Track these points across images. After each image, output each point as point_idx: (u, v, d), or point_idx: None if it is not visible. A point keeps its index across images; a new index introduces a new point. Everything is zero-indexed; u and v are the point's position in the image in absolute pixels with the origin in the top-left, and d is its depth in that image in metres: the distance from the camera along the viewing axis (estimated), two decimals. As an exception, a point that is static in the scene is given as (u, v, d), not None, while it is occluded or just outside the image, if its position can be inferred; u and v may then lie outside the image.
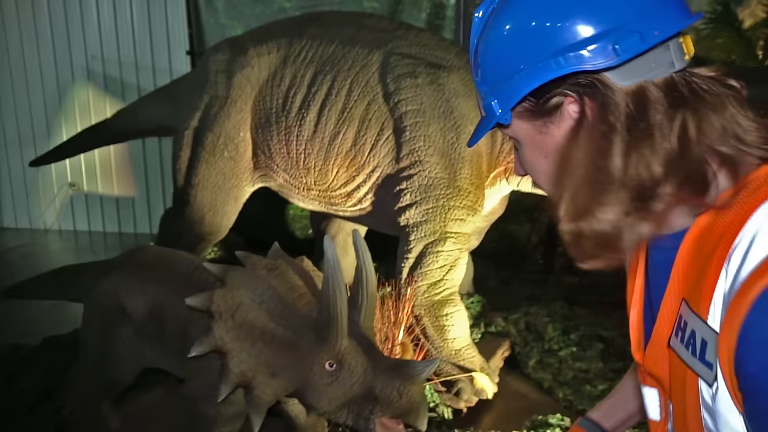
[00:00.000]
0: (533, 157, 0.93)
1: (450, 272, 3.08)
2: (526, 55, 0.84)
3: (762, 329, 0.69)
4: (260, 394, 1.87)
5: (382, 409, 1.85)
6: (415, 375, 1.84)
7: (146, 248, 2.61)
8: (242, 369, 1.88)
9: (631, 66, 0.81)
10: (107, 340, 2.40)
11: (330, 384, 1.86)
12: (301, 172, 3.46)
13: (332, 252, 1.82)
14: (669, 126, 0.80)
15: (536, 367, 3.53)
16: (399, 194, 3.15)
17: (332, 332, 1.84)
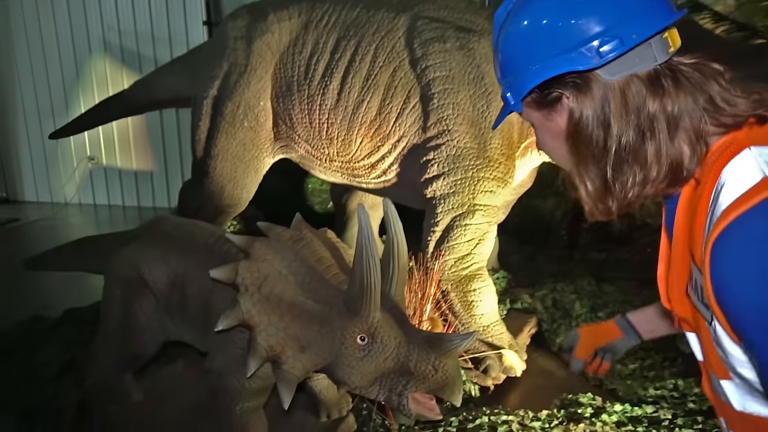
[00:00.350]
0: (545, 138, 1.11)
1: (478, 246, 2.96)
2: (532, 54, 1.01)
3: (721, 273, 0.84)
4: (290, 368, 1.80)
5: (416, 383, 1.77)
6: (451, 348, 1.75)
7: (166, 218, 2.53)
8: (270, 343, 1.80)
9: (617, 63, 0.96)
10: (128, 312, 2.35)
11: (362, 358, 1.78)
12: (323, 143, 3.35)
13: (366, 221, 1.71)
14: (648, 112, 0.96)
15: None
16: (426, 165, 3.02)
17: (364, 305, 1.75)
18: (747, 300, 0.81)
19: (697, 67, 0.98)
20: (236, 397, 2.06)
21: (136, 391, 2.69)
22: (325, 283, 1.88)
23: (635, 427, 2.61)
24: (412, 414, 1.81)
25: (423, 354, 1.74)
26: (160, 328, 2.38)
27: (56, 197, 7.92)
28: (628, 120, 0.97)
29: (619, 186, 0.99)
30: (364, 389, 1.81)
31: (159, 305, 2.34)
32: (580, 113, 0.99)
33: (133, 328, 2.35)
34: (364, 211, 1.71)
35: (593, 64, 0.96)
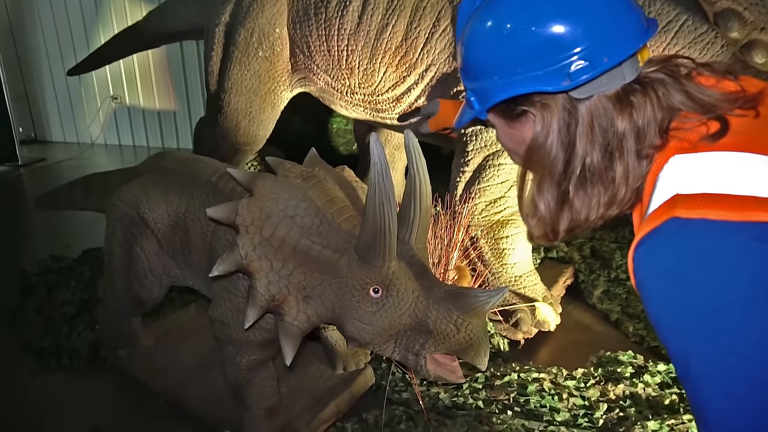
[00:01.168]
0: (506, 142, 1.12)
1: (513, 189, 2.67)
2: (498, 63, 0.98)
3: (639, 287, 0.91)
4: (292, 321, 1.60)
5: (435, 344, 1.56)
6: (477, 306, 1.52)
7: (170, 154, 2.32)
8: (272, 291, 1.60)
9: (586, 85, 0.95)
10: (130, 254, 2.18)
11: (374, 313, 1.57)
12: (343, 73, 3.04)
13: (381, 153, 1.46)
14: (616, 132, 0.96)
15: (602, 297, 3.17)
16: (457, 97, 2.70)
17: (378, 252, 1.53)
18: (656, 321, 0.89)
19: (666, 71, 0.98)
20: (241, 349, 1.89)
21: (146, 336, 2.58)
22: (335, 227, 1.65)
23: (680, 387, 2.38)
24: (431, 376, 1.61)
25: (444, 311, 1.53)
26: (165, 272, 2.21)
27: (82, 137, 7.88)
28: (594, 141, 0.96)
29: (579, 207, 0.99)
30: (377, 347, 1.61)
31: (161, 248, 2.17)
32: (546, 134, 0.98)
33: (136, 271, 2.20)
34: (377, 141, 1.45)
35: (562, 87, 0.94)
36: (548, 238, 1.05)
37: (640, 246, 0.88)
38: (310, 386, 2.27)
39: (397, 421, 2.21)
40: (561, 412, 2.22)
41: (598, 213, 0.99)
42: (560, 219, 1.01)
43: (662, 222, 0.86)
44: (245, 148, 3.56)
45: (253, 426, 1.98)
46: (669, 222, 0.85)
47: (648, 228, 0.88)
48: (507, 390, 2.34)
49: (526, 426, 2.16)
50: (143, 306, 2.29)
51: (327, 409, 2.16)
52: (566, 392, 2.33)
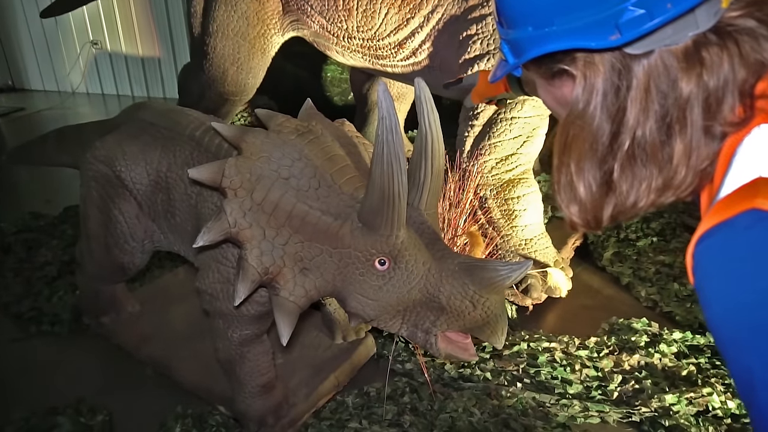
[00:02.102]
0: (548, 101, 0.92)
1: (525, 145, 2.46)
2: (531, 14, 0.79)
3: (700, 288, 0.73)
4: (288, 295, 1.43)
5: (448, 321, 1.41)
6: (497, 281, 1.35)
7: (148, 105, 2.08)
8: (265, 263, 1.41)
9: (644, 39, 0.74)
10: (107, 217, 1.98)
11: (381, 287, 1.40)
12: (340, 15, 2.76)
13: (390, 106, 1.24)
14: (679, 97, 0.76)
15: (612, 259, 3.03)
16: (466, 42, 2.44)
17: (385, 220, 1.34)
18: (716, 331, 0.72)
19: (759, 15, 0.74)
20: (233, 324, 1.72)
21: (130, 302, 2.42)
22: (336, 190, 1.45)
23: (697, 358, 2.26)
24: (442, 354, 1.46)
25: (459, 286, 1.36)
26: (147, 237, 2.02)
27: (62, 86, 7.50)
28: (649, 109, 0.77)
29: (626, 191, 0.81)
30: (382, 323, 1.45)
31: (142, 210, 1.96)
32: (588, 100, 0.79)
33: (115, 236, 2.00)
34: (385, 90, 1.23)
35: (609, 43, 0.74)
36: (590, 225, 0.87)
37: (704, 240, 0.71)
38: (308, 357, 2.13)
39: (400, 393, 2.09)
40: (573, 384, 2.10)
41: (649, 199, 0.80)
42: (604, 205, 0.83)
43: (737, 213, 0.68)
44: (233, 98, 3.30)
45: (248, 404, 1.85)
46: (745, 214, 0.67)
47: (716, 218, 0.70)
48: (516, 360, 2.22)
49: (537, 399, 2.04)
50: (125, 272, 2.11)
51: (326, 381, 2.03)
52: (579, 363, 2.20)
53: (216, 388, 2.01)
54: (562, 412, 1.99)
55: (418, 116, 1.36)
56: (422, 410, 1.99)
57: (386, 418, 1.94)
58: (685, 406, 1.99)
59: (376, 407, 2.00)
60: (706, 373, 2.15)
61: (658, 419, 1.96)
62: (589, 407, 2.01)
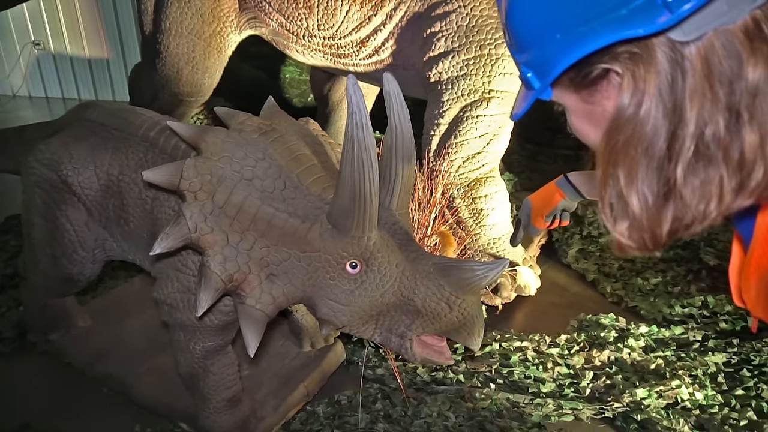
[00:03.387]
0: (582, 126, 0.80)
1: (492, 143, 2.44)
2: (557, 20, 0.70)
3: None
4: (255, 303, 1.35)
5: (424, 324, 1.36)
6: (473, 281, 1.31)
7: (96, 104, 1.95)
8: (229, 270, 1.33)
9: (693, 18, 0.63)
10: (54, 225, 1.84)
11: (353, 291, 1.34)
12: (300, 13, 2.68)
13: (360, 101, 1.18)
14: (747, 84, 0.64)
15: (577, 256, 3.05)
16: (430, 40, 2.41)
17: (356, 221, 1.28)
18: None
19: None
20: (195, 335, 1.62)
21: (81, 317, 2.27)
22: (303, 191, 1.38)
23: (663, 351, 2.29)
24: (417, 359, 1.41)
25: (434, 287, 1.32)
26: (98, 245, 1.88)
27: (2, 88, 7.09)
28: (713, 101, 0.66)
29: (690, 200, 0.69)
30: (355, 329, 1.39)
31: (92, 217, 1.83)
32: (639, 101, 0.68)
33: (63, 245, 1.86)
34: (355, 84, 1.17)
35: (660, 25, 0.63)
36: (644, 245, 0.75)
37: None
38: (276, 367, 2.04)
39: (372, 400, 2.02)
40: (546, 383, 2.09)
41: (722, 205, 0.69)
42: (662, 219, 0.72)
43: None
44: (189, 99, 3.16)
45: (213, 420, 1.74)
46: None
47: None
48: (489, 361, 2.19)
49: (511, 399, 2.02)
50: (75, 285, 1.97)
51: (295, 391, 1.94)
52: (550, 361, 2.19)
53: (177, 404, 1.89)
54: (536, 412, 1.97)
55: (387, 113, 1.31)
56: (396, 417, 1.93)
57: (359, 426, 1.87)
58: (655, 399, 2.00)
59: (348, 416, 1.93)
60: (673, 365, 2.18)
61: (630, 414, 1.96)
62: (563, 405, 2.00)
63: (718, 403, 2.00)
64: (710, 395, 2.02)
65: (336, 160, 1.54)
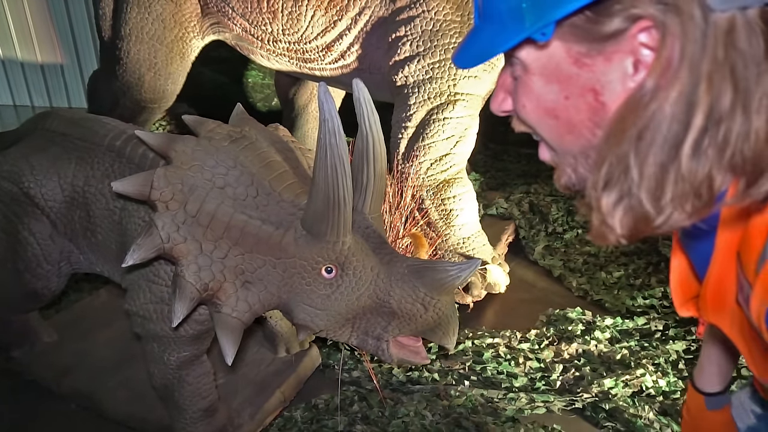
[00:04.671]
0: (544, 93, 0.71)
1: (459, 145, 2.49)
2: None
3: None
4: (231, 312, 1.34)
5: (400, 326, 1.38)
6: (447, 281, 1.34)
7: (56, 113, 1.90)
8: (204, 279, 1.32)
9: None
10: (15, 239, 1.78)
11: (329, 296, 1.35)
12: (264, 18, 2.67)
13: (331, 108, 1.20)
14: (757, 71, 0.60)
15: (543, 253, 3.13)
16: (396, 44, 2.43)
17: (331, 226, 1.29)
18: None
19: None
20: (169, 346, 1.60)
21: (46, 332, 2.20)
22: (276, 197, 1.38)
23: (628, 341, 2.38)
24: (394, 360, 1.44)
25: (409, 289, 1.34)
26: (63, 258, 1.84)
27: (-52, 96, 6.78)
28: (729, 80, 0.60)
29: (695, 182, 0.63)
30: (332, 333, 1.40)
31: (56, 229, 1.79)
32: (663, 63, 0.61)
33: (26, 259, 1.80)
34: (326, 91, 1.19)
35: None
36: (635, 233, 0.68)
37: None
38: (251, 374, 2.03)
39: (349, 402, 2.04)
40: (518, 377, 2.14)
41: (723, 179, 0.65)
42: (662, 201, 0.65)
43: None
44: (152, 106, 3.10)
45: (189, 430, 1.72)
46: None
47: None
48: (462, 359, 2.23)
49: (485, 395, 2.06)
50: (39, 299, 1.91)
51: (272, 398, 1.94)
52: (522, 356, 2.25)
53: (150, 416, 1.86)
54: (510, 406, 2.02)
55: (357, 118, 1.32)
56: (374, 418, 1.95)
57: (338, 429, 1.88)
58: (621, 388, 2.08)
59: (326, 419, 1.94)
60: (637, 355, 2.26)
61: (599, 404, 2.03)
62: (535, 398, 2.05)
63: (679, 388, 2.09)
64: (672, 381, 2.12)
65: (307, 166, 1.55)
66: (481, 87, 2.47)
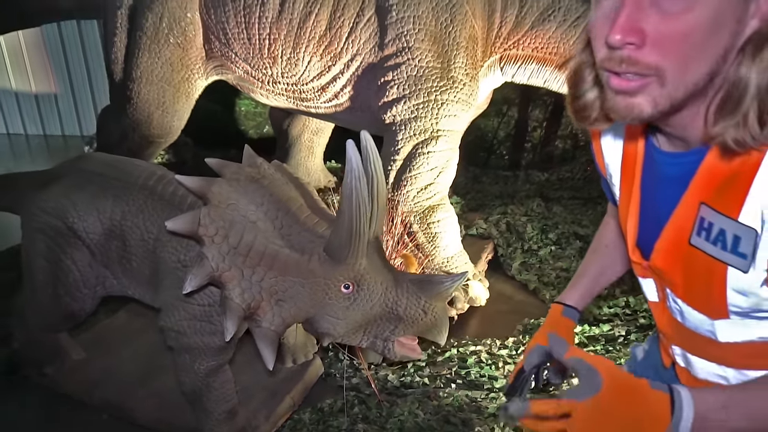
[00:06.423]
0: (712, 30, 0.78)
1: (441, 175, 2.81)
2: None
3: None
4: (269, 325, 1.61)
5: (405, 328, 1.66)
6: (442, 291, 1.64)
7: (91, 156, 2.16)
8: (246, 300, 1.59)
9: None
10: (58, 266, 2.03)
11: (348, 307, 1.62)
12: (265, 62, 2.97)
13: (358, 159, 1.48)
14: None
15: (520, 268, 3.46)
16: (384, 87, 2.76)
17: (352, 251, 1.57)
18: None
19: None
20: (199, 357, 1.86)
21: (74, 350, 2.43)
22: (300, 228, 1.66)
23: (594, 346, 2.70)
24: (397, 356, 1.71)
25: (412, 298, 1.63)
26: (99, 283, 2.09)
27: (-59, 125, 6.91)
28: None
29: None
30: (348, 338, 1.68)
31: (95, 257, 2.04)
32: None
33: (66, 284, 2.05)
34: (354, 148, 1.46)
35: None
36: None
37: None
38: (263, 382, 2.29)
39: (351, 405, 2.30)
40: (499, 379, 2.44)
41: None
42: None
43: None
44: (159, 141, 3.37)
45: (215, 430, 1.98)
46: None
47: None
48: (449, 365, 2.52)
49: (469, 396, 2.35)
50: (75, 319, 2.16)
51: (283, 402, 2.20)
52: (501, 360, 2.55)
53: (177, 420, 2.10)
54: (491, 405, 2.31)
55: (363, 163, 1.60)
56: (373, 418, 2.22)
57: (342, 428, 2.15)
58: (588, 386, 2.38)
59: (331, 420, 2.20)
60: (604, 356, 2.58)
61: (568, 400, 2.33)
62: (513, 397, 2.35)
63: (638, 385, 2.40)
64: (632, 380, 2.42)
65: (312, 197, 1.83)
66: (460, 124, 2.81)
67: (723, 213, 0.86)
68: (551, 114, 5.43)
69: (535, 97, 5.24)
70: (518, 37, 2.78)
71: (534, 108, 5.46)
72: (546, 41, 2.75)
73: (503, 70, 2.92)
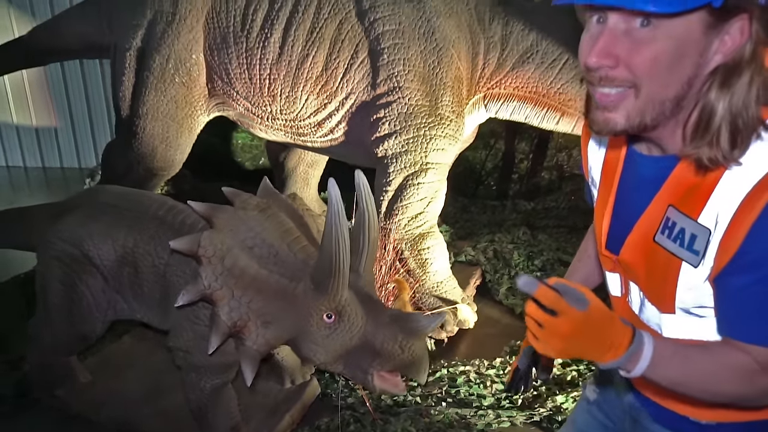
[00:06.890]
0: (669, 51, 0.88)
1: (431, 204, 2.99)
2: None
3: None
4: (252, 344, 1.75)
5: (382, 362, 1.73)
6: (419, 330, 1.72)
7: (106, 189, 2.32)
8: (233, 318, 1.73)
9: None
10: (72, 292, 2.17)
11: (328, 336, 1.73)
12: (265, 100, 3.17)
13: (337, 196, 1.63)
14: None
15: (507, 293, 3.61)
16: (377, 123, 2.96)
17: (333, 284, 1.68)
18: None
19: None
20: (205, 375, 1.99)
21: (83, 373, 2.54)
22: (292, 257, 1.81)
23: (577, 365, 2.84)
24: (377, 390, 1.78)
25: (389, 334, 1.70)
26: (110, 307, 2.23)
27: (-58, 157, 7.03)
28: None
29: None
30: (329, 365, 1.78)
31: (108, 283, 2.18)
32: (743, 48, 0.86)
33: (80, 308, 2.19)
34: (335, 186, 1.61)
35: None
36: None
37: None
38: (264, 401, 2.41)
39: (347, 423, 2.42)
40: (487, 398, 2.57)
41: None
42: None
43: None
44: (162, 173, 3.54)
45: (219, 446, 2.09)
46: None
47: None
48: (439, 384, 2.65)
49: (459, 413, 2.48)
50: (86, 341, 2.28)
51: (283, 420, 2.32)
52: (489, 380, 2.69)
53: (183, 437, 2.22)
54: (480, 422, 2.44)
55: (357, 199, 1.76)
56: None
57: (339, 445, 2.27)
58: (571, 403, 2.52)
59: (328, 438, 2.32)
60: (584, 375, 2.72)
61: (553, 416, 2.46)
62: (501, 414, 2.48)
63: (618, 402, 2.54)
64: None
65: (316, 229, 1.99)
66: (447, 157, 3.01)
67: (685, 213, 0.97)
68: (537, 146, 5.68)
69: (521, 130, 5.48)
70: (500, 78, 3.01)
71: (521, 141, 5.71)
72: (526, 81, 2.98)
73: (487, 107, 3.14)
